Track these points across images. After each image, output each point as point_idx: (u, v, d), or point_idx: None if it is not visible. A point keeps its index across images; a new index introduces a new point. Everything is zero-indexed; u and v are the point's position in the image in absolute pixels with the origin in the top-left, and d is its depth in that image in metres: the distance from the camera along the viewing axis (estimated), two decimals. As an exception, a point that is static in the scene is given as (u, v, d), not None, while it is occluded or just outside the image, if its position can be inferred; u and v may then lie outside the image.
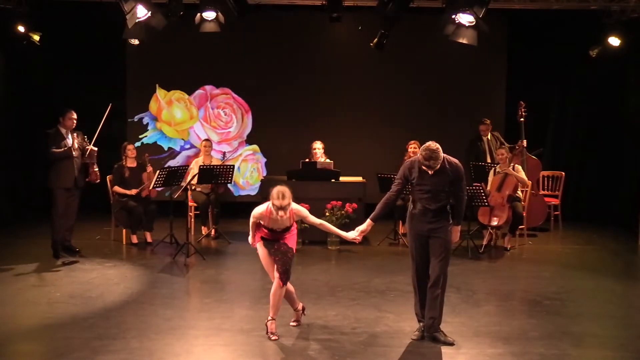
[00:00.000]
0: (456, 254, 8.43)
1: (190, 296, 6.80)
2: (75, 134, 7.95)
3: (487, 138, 9.93)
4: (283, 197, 5.24)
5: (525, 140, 9.46)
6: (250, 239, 5.61)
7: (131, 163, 8.86)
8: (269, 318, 5.42)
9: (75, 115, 7.91)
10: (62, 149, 7.76)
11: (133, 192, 8.72)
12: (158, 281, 7.10)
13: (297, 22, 10.86)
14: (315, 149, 9.78)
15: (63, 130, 7.88)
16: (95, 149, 7.92)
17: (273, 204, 5.29)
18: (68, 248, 8.06)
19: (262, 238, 5.50)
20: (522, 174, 8.83)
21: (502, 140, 9.94)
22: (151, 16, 7.54)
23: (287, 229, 5.52)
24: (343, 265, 8.00)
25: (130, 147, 8.96)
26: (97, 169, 7.95)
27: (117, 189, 8.75)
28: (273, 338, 5.34)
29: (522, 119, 9.52)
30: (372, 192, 9.34)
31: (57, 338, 5.31)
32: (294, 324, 5.69)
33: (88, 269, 7.51)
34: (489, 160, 9.72)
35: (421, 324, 5.50)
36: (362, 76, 11.02)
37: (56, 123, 7.93)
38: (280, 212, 5.29)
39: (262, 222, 5.47)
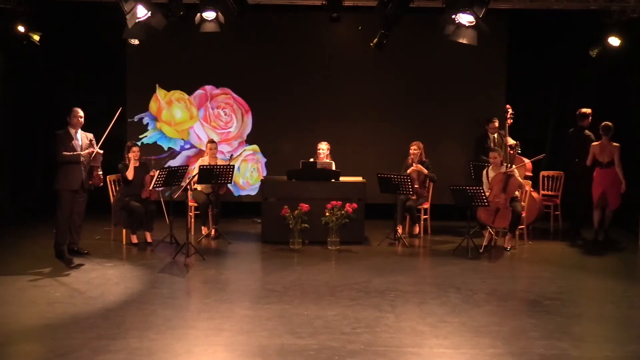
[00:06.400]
0: (456, 254, 8.44)
1: (190, 296, 6.80)
2: (85, 134, 7.94)
3: (494, 136, 10.00)
4: None
5: (509, 138, 9.57)
6: None
7: (135, 163, 8.86)
8: None
9: (81, 113, 7.89)
10: (72, 153, 7.74)
11: (144, 194, 8.76)
12: (158, 281, 7.10)
13: (297, 22, 10.86)
14: (320, 149, 9.75)
15: (72, 131, 7.85)
16: (101, 152, 7.93)
17: None
18: (77, 252, 8.04)
19: None
20: (517, 175, 8.82)
21: (505, 141, 9.94)
22: (151, 16, 7.53)
23: None
24: (343, 265, 7.99)
25: (135, 148, 8.93)
26: (100, 172, 7.97)
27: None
28: None
29: (508, 122, 9.61)
30: (372, 192, 9.33)
31: (57, 338, 5.31)
32: None
33: (88, 269, 7.51)
34: None
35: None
36: (362, 76, 11.01)
37: (65, 124, 7.90)
38: None
39: None
